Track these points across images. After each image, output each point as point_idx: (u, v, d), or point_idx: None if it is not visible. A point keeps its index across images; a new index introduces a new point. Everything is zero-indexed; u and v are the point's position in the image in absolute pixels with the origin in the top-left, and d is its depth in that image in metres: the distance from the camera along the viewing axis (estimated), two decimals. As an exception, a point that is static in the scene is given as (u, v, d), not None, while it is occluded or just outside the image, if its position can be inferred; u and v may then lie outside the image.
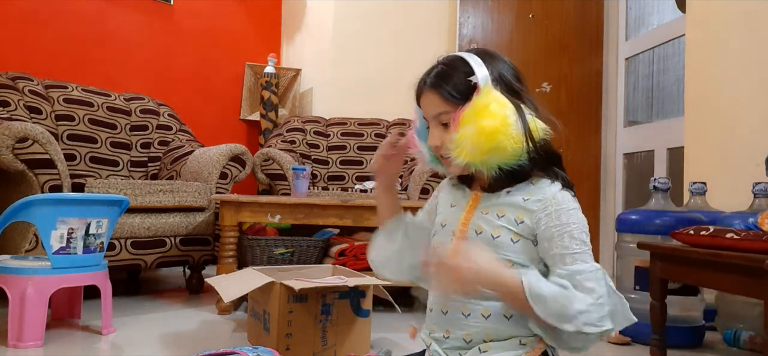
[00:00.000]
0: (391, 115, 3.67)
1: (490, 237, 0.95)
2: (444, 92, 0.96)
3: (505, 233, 0.95)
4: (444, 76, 0.98)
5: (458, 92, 0.95)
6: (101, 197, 1.85)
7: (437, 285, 0.95)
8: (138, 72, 3.60)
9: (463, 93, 0.95)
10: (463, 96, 0.95)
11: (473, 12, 3.70)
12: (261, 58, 4.13)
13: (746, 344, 1.85)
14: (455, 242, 0.99)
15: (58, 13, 3.26)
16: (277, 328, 1.54)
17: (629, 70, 3.68)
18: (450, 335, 0.98)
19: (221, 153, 2.65)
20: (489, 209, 0.98)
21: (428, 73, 1.00)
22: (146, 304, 2.32)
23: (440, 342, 0.99)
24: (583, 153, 3.68)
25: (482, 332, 0.95)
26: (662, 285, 1.73)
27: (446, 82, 0.97)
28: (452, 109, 0.95)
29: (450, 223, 1.03)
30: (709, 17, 2.54)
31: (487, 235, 0.96)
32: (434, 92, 0.98)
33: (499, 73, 0.98)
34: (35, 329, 1.64)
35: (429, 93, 0.99)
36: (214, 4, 3.98)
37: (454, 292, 0.94)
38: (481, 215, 0.98)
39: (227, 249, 2.17)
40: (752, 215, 1.80)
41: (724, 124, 2.42)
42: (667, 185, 2.05)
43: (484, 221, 0.97)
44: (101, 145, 2.86)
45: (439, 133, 0.99)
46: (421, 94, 1.01)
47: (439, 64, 1.00)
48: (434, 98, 0.98)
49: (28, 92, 2.66)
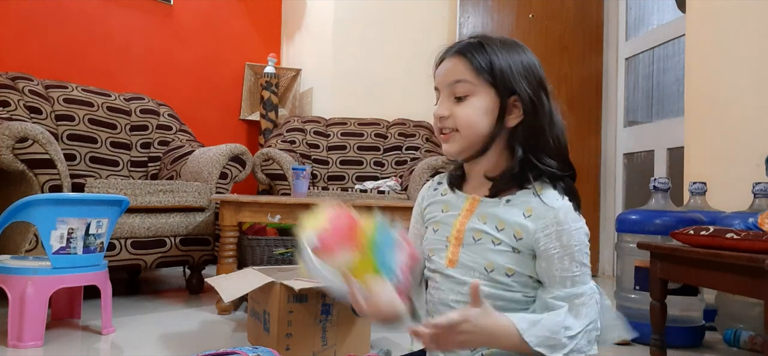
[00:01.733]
0: (391, 115, 3.67)
1: (490, 245, 0.91)
2: (475, 61, 0.91)
3: (504, 245, 0.90)
4: (478, 47, 0.92)
5: (488, 69, 0.90)
6: (101, 197, 1.85)
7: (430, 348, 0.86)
8: (138, 72, 3.60)
9: (491, 74, 0.90)
10: (491, 76, 0.90)
11: (473, 12, 3.70)
12: (261, 58, 4.13)
13: (746, 344, 1.85)
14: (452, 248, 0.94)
15: (58, 13, 3.26)
16: (277, 328, 1.54)
17: (629, 70, 3.68)
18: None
19: (221, 153, 2.65)
20: (487, 218, 0.92)
21: (458, 41, 0.95)
22: (146, 304, 2.32)
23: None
24: (583, 153, 3.68)
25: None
26: (662, 285, 1.73)
27: (479, 53, 0.91)
28: (474, 82, 0.90)
29: (443, 228, 0.97)
30: (709, 17, 2.54)
31: (486, 242, 0.91)
32: (462, 58, 0.92)
33: (533, 65, 0.93)
34: (35, 329, 1.63)
35: (455, 58, 0.93)
36: (214, 4, 3.98)
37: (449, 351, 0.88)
38: (478, 222, 0.93)
39: (227, 249, 2.17)
40: (752, 215, 1.80)
41: (724, 124, 2.42)
42: (667, 185, 2.05)
43: (482, 228, 0.92)
44: (101, 145, 2.86)
45: (450, 104, 0.93)
46: (445, 58, 0.95)
47: (473, 37, 0.95)
48: (459, 63, 0.92)
49: (28, 92, 2.66)
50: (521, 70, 0.91)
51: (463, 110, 0.92)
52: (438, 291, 0.96)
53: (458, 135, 0.92)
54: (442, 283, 0.95)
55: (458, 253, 0.93)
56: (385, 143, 3.56)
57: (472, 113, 0.91)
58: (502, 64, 0.90)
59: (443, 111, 0.93)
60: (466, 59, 0.91)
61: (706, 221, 1.91)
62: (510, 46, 0.93)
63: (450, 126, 0.93)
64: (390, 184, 3.03)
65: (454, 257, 0.93)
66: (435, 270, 0.97)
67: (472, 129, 0.91)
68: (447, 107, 0.93)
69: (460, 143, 0.93)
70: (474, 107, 0.91)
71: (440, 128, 0.95)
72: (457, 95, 0.92)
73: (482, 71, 0.90)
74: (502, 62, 0.90)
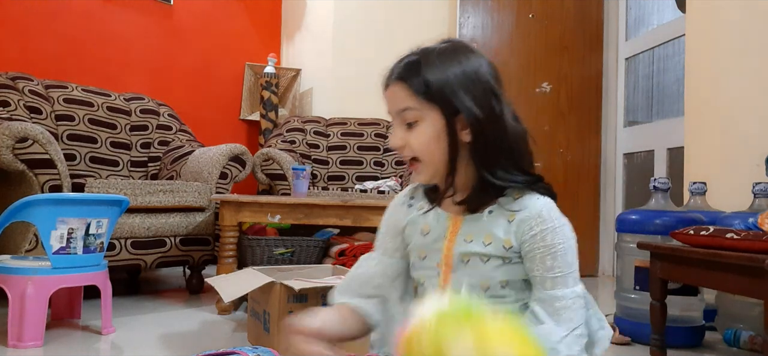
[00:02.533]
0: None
1: (480, 263, 0.87)
2: (413, 85, 0.86)
3: (494, 259, 0.87)
4: (415, 68, 0.86)
5: (426, 90, 0.85)
6: (101, 197, 1.85)
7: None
8: (138, 72, 3.60)
9: (431, 95, 0.85)
10: (434, 95, 0.84)
11: (473, 12, 3.70)
12: (261, 58, 4.13)
13: (746, 344, 1.85)
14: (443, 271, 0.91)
15: (58, 13, 3.26)
16: (277, 328, 1.54)
17: (629, 70, 3.68)
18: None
19: (221, 153, 2.65)
20: (473, 236, 0.88)
21: (398, 63, 0.90)
22: (146, 304, 2.32)
23: None
24: (583, 153, 3.68)
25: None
26: (662, 285, 1.73)
27: (416, 75, 0.86)
28: (419, 107, 0.86)
29: (431, 255, 0.92)
30: (709, 17, 2.54)
31: (476, 262, 0.88)
32: (402, 83, 0.87)
33: (476, 71, 0.87)
34: (35, 329, 1.63)
35: (396, 84, 0.88)
36: (214, 4, 3.98)
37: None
38: (464, 242, 0.88)
39: (227, 249, 2.17)
40: (752, 215, 1.80)
41: (724, 124, 2.42)
42: (667, 185, 2.05)
43: (469, 248, 0.88)
44: (101, 145, 2.86)
45: (403, 133, 0.88)
46: (388, 85, 0.90)
47: (411, 53, 0.89)
48: (401, 90, 0.87)
49: (28, 92, 2.66)
50: (462, 81, 0.85)
51: (415, 137, 0.87)
52: None
53: (421, 164, 0.89)
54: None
55: (450, 278, 0.90)
56: (385, 143, 3.56)
57: (424, 140, 0.86)
58: (439, 82, 0.85)
59: (396, 141, 0.89)
60: (406, 84, 0.86)
61: (706, 221, 1.91)
62: (448, 55, 0.87)
63: (409, 155, 0.89)
64: (390, 184, 3.03)
65: (446, 283, 0.90)
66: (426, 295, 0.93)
67: (431, 156, 0.87)
68: (400, 137, 0.88)
69: (426, 172, 0.89)
70: (426, 134, 0.86)
71: (404, 159, 0.91)
72: (407, 121, 0.88)
73: (422, 94, 0.85)
74: (439, 79, 0.85)
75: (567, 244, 0.86)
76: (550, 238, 0.85)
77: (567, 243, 0.86)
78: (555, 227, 0.86)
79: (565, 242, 0.86)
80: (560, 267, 0.85)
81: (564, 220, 0.88)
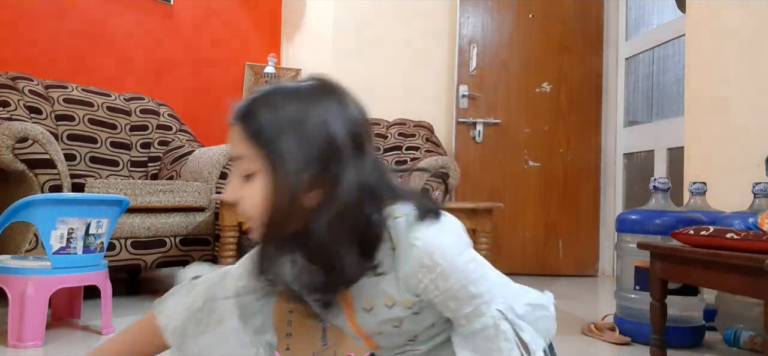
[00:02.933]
0: (391, 115, 3.67)
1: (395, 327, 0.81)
2: (248, 129, 0.72)
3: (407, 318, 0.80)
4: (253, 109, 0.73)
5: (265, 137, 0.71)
6: (101, 197, 1.85)
7: None
8: (138, 72, 3.60)
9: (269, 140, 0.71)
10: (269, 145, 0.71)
11: (473, 12, 3.70)
12: (261, 58, 4.13)
13: (746, 344, 1.85)
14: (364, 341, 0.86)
15: (58, 13, 3.26)
16: (277, 328, 1.54)
17: (629, 70, 3.68)
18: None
19: (221, 153, 2.65)
20: (372, 304, 0.79)
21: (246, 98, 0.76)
22: (146, 304, 2.32)
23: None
24: (583, 153, 3.68)
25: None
26: (662, 285, 1.73)
27: (253, 119, 0.72)
28: (254, 156, 0.72)
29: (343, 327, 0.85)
30: (709, 17, 2.54)
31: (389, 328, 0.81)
32: (238, 125, 0.73)
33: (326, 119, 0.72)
34: (35, 329, 1.63)
35: (235, 128, 0.75)
36: (214, 5, 3.98)
37: None
38: (366, 315, 0.80)
39: (227, 249, 2.17)
40: (752, 215, 1.80)
41: (724, 124, 2.42)
42: (667, 185, 2.05)
43: (375, 320, 0.80)
44: (101, 145, 2.86)
45: (239, 184, 0.74)
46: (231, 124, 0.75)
47: (259, 90, 0.76)
48: (237, 134, 0.74)
49: (28, 92, 2.66)
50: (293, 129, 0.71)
51: (247, 192, 0.73)
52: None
53: (253, 223, 0.75)
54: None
55: (374, 342, 0.86)
56: (385, 143, 3.55)
57: (255, 196, 0.72)
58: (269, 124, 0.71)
59: (231, 195, 0.74)
60: (244, 130, 0.73)
61: (706, 221, 1.91)
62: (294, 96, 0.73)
63: (242, 213, 0.75)
64: (390, 184, 3.03)
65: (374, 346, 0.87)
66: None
67: (260, 217, 0.74)
68: (233, 189, 0.75)
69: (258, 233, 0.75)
70: (258, 188, 0.72)
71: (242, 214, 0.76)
72: (245, 173, 0.74)
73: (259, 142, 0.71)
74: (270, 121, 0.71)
75: (463, 277, 0.74)
76: (443, 283, 0.74)
77: (462, 276, 0.74)
78: (443, 270, 0.73)
79: (460, 277, 0.74)
80: (465, 302, 0.75)
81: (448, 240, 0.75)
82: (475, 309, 0.75)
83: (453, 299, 0.75)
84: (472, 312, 0.76)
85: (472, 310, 0.75)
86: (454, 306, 0.75)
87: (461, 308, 0.75)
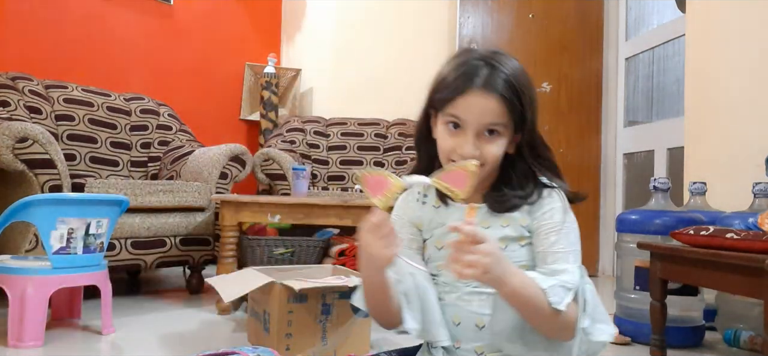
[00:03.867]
0: (391, 115, 3.67)
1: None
2: (511, 106, 0.88)
3: (511, 243, 0.92)
4: (512, 89, 0.88)
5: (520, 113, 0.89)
6: (101, 197, 1.85)
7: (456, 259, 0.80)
8: (138, 72, 3.60)
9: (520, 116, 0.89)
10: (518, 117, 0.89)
11: (473, 12, 3.70)
12: (261, 58, 4.13)
13: (746, 344, 1.85)
14: None
15: (58, 13, 3.26)
16: (277, 328, 1.54)
17: (629, 70, 3.68)
18: (461, 345, 0.94)
19: (221, 153, 2.65)
20: (490, 223, 0.92)
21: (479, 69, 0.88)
22: (146, 304, 2.32)
23: (450, 351, 0.95)
24: (583, 153, 3.68)
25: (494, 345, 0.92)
26: (662, 285, 1.73)
27: (514, 96, 0.88)
28: (506, 124, 0.89)
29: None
30: (709, 17, 2.54)
31: None
32: (501, 100, 0.87)
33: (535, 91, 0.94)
34: (35, 329, 1.63)
35: (491, 97, 0.87)
36: (214, 4, 3.98)
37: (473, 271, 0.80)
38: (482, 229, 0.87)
39: (227, 249, 2.17)
40: (752, 215, 1.80)
41: (724, 124, 2.42)
42: (667, 185, 2.05)
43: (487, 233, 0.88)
44: (101, 145, 2.86)
45: (478, 142, 0.88)
46: (471, 92, 0.87)
47: (495, 64, 0.89)
48: (498, 106, 0.87)
49: (28, 92, 2.66)
50: (534, 104, 0.92)
51: (492, 149, 0.90)
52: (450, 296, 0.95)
53: (481, 169, 0.88)
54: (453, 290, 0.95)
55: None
56: (385, 143, 3.56)
57: (499, 151, 0.91)
58: (526, 105, 0.90)
59: (474, 151, 0.88)
60: (504, 103, 0.87)
61: (706, 221, 1.91)
62: (526, 77, 0.92)
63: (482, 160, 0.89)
64: (390, 184, 3.03)
65: None
66: (446, 281, 0.96)
67: (492, 166, 0.92)
68: (476, 146, 0.88)
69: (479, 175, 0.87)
70: (501, 146, 0.90)
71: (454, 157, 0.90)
72: (491, 129, 0.89)
73: (514, 114, 0.89)
74: (527, 102, 0.90)
75: (571, 226, 0.91)
76: (558, 217, 0.90)
77: (571, 226, 0.91)
78: (565, 208, 0.92)
79: (569, 224, 0.91)
80: (562, 244, 0.89)
81: (572, 215, 0.94)
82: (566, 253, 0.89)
83: (557, 233, 0.90)
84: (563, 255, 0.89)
85: (563, 253, 0.89)
86: (554, 239, 0.89)
87: (557, 244, 0.89)
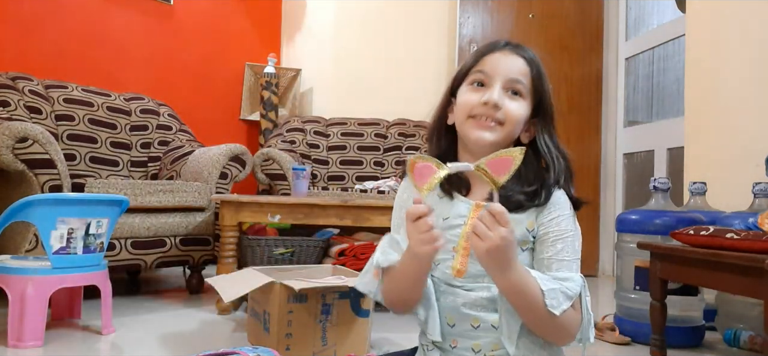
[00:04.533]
0: (391, 115, 3.67)
1: None
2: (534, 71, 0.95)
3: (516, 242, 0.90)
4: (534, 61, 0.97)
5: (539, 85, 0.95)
6: (101, 197, 1.85)
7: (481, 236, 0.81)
8: (138, 72, 3.60)
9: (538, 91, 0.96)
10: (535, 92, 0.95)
11: (473, 12, 3.70)
12: (261, 58, 4.13)
13: (746, 344, 1.85)
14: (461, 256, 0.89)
15: (58, 13, 3.26)
16: (277, 328, 1.54)
17: (629, 70, 3.68)
18: (458, 345, 0.94)
19: (221, 153, 2.65)
20: None
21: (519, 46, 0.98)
22: (146, 304, 2.32)
23: (447, 351, 0.95)
24: (583, 153, 3.68)
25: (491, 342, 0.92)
26: (662, 285, 1.73)
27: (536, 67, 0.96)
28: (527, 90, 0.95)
29: (449, 239, 0.91)
30: (709, 17, 2.54)
31: None
32: (525, 61, 0.96)
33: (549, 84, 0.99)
34: (35, 329, 1.63)
35: (518, 57, 0.96)
36: (214, 4, 3.98)
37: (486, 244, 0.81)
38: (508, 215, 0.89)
39: (227, 249, 2.17)
40: (752, 215, 1.80)
41: (724, 124, 2.42)
42: (667, 185, 2.05)
43: None
44: (101, 145, 2.86)
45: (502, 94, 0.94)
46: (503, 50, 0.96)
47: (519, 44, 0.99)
48: (523, 66, 0.95)
49: (28, 92, 2.66)
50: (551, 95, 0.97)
51: (515, 106, 0.93)
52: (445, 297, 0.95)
53: (501, 129, 0.93)
54: (448, 291, 0.95)
55: (467, 263, 0.88)
56: (385, 143, 3.56)
57: (521, 113, 0.94)
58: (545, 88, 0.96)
59: (499, 99, 0.92)
60: (528, 65, 0.95)
61: (706, 221, 1.91)
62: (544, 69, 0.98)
63: (498, 118, 0.93)
64: (390, 184, 3.03)
65: (463, 268, 0.88)
66: (441, 278, 0.96)
67: (513, 128, 0.94)
68: (500, 95, 0.93)
69: (500, 136, 0.93)
70: (523, 109, 0.94)
71: (486, 115, 0.93)
72: (514, 90, 0.94)
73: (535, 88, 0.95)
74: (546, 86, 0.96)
75: (577, 234, 0.94)
76: (565, 224, 0.92)
77: (576, 233, 0.94)
78: (570, 215, 0.94)
79: (575, 232, 0.93)
80: (568, 252, 0.91)
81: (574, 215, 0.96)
82: (570, 262, 0.91)
83: (563, 241, 0.91)
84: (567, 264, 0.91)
85: (567, 261, 0.91)
86: (560, 247, 0.91)
87: (562, 252, 0.91)
